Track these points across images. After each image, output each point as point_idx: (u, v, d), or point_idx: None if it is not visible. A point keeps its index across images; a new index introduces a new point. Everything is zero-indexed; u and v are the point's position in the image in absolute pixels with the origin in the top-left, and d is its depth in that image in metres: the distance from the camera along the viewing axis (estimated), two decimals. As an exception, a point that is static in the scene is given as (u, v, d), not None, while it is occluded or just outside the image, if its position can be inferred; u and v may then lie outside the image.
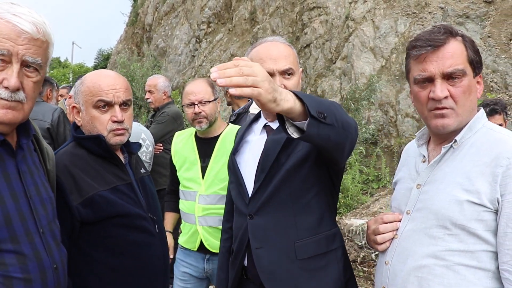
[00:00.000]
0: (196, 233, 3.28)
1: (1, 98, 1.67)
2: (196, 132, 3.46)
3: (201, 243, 3.29)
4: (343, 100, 10.32)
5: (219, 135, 3.39)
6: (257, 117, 2.56)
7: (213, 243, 3.25)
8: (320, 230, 2.24)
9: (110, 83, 2.30)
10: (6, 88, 1.66)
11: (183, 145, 3.45)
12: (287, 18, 14.18)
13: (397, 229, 1.97)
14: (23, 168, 1.76)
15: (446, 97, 1.82)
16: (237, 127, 3.47)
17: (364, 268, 6.38)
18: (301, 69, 2.41)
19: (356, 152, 9.47)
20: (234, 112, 5.58)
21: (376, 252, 6.71)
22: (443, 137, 1.92)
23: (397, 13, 11.17)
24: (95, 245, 2.23)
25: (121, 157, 2.42)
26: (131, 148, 2.47)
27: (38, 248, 1.73)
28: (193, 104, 3.27)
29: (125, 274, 2.27)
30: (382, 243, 1.99)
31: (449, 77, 1.82)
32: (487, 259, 1.72)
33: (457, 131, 1.86)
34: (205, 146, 3.37)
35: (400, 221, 1.97)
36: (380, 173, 9.17)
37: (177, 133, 3.63)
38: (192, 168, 3.31)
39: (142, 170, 2.58)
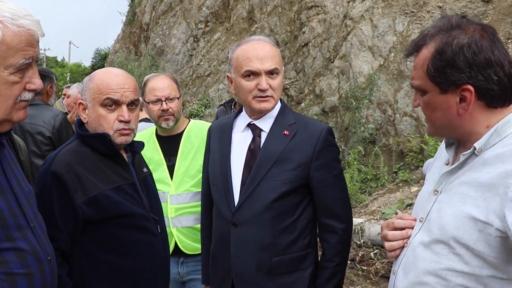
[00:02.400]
0: (170, 236, 3.08)
1: (25, 100, 1.72)
2: (156, 131, 3.34)
3: (175, 246, 3.15)
4: (341, 99, 10.31)
5: (181, 132, 3.27)
6: (237, 114, 2.62)
7: (189, 245, 3.15)
8: (294, 250, 2.38)
9: (120, 82, 2.28)
10: (33, 90, 1.73)
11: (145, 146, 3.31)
12: (285, 17, 14.16)
13: (409, 237, 1.79)
14: (4, 164, 1.76)
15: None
16: (200, 121, 3.45)
17: (363, 267, 6.37)
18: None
19: (354, 151, 9.47)
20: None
21: (375, 251, 6.71)
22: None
23: (395, 12, 11.16)
24: (98, 244, 2.22)
25: (125, 156, 2.40)
26: (134, 147, 2.45)
27: (32, 242, 1.74)
28: (159, 100, 3.12)
29: (127, 274, 2.26)
30: (391, 251, 1.84)
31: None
32: (496, 285, 1.53)
33: (469, 136, 1.64)
34: (169, 144, 3.26)
35: (412, 228, 1.80)
36: (378, 172, 9.17)
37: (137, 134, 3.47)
38: (158, 169, 3.16)
39: (145, 169, 2.56)
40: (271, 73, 2.37)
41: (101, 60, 35.53)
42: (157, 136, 3.31)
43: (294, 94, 12.32)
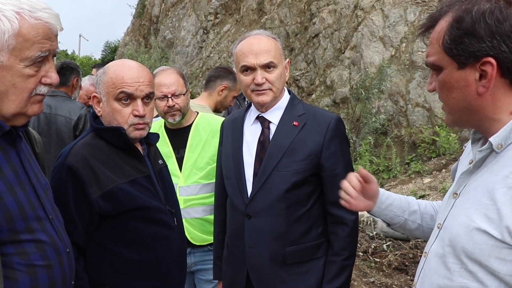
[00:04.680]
0: None
1: (41, 94, 1.71)
2: (165, 124, 3.35)
3: None
4: (352, 90, 10.25)
5: (189, 125, 3.29)
6: (247, 107, 2.67)
7: (197, 236, 3.18)
8: (307, 240, 2.42)
9: (134, 75, 2.24)
10: (49, 84, 1.72)
11: None
12: (295, 8, 14.08)
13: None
14: (22, 156, 1.76)
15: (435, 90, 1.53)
16: (208, 115, 3.48)
17: (376, 259, 6.35)
18: (287, 60, 2.55)
19: (366, 142, 9.42)
20: None
21: (388, 243, 6.67)
22: None
23: (407, 1, 11.05)
24: (113, 238, 2.21)
25: (140, 148, 2.38)
26: (150, 139, 2.42)
27: (51, 234, 1.74)
28: (165, 96, 3.14)
29: (143, 268, 2.25)
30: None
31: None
32: None
33: (491, 125, 1.43)
34: (177, 137, 3.28)
35: (356, 185, 1.83)
36: (390, 163, 9.12)
37: None
38: (167, 161, 3.11)
39: (160, 161, 2.55)
40: (267, 66, 2.40)
41: (111, 53, 35.61)
42: (166, 128, 3.34)
43: (304, 85, 12.27)
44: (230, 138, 2.60)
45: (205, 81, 4.62)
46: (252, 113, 2.58)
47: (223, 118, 3.37)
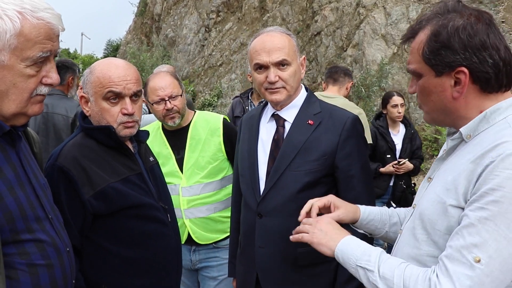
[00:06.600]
0: (183, 227, 3.15)
1: (41, 95, 1.71)
2: (162, 125, 3.31)
3: (188, 237, 3.19)
4: (354, 88, 10.24)
5: (187, 125, 3.26)
6: (265, 105, 2.64)
7: (201, 235, 3.18)
8: None
9: (121, 74, 2.23)
10: (50, 85, 1.72)
11: (151, 141, 3.19)
12: (297, 6, 14.07)
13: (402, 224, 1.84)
14: (22, 156, 1.75)
15: (415, 93, 1.74)
16: (206, 113, 3.44)
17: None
18: (303, 57, 2.50)
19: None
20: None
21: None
22: None
23: (409, -1, 11.04)
24: (108, 237, 2.20)
25: (130, 146, 2.38)
26: (140, 136, 2.41)
27: (51, 234, 1.74)
28: (162, 100, 3.07)
29: (139, 265, 2.25)
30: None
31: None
32: None
33: (464, 122, 1.62)
34: (176, 138, 3.25)
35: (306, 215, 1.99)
36: (392, 161, 9.11)
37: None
38: (168, 163, 3.18)
39: (151, 159, 2.53)
40: (280, 64, 2.35)
41: (113, 52, 35.61)
42: (164, 130, 3.31)
43: (306, 83, 12.26)
44: (247, 136, 2.58)
45: (330, 76, 5.16)
46: (269, 111, 2.55)
47: (221, 116, 3.36)
